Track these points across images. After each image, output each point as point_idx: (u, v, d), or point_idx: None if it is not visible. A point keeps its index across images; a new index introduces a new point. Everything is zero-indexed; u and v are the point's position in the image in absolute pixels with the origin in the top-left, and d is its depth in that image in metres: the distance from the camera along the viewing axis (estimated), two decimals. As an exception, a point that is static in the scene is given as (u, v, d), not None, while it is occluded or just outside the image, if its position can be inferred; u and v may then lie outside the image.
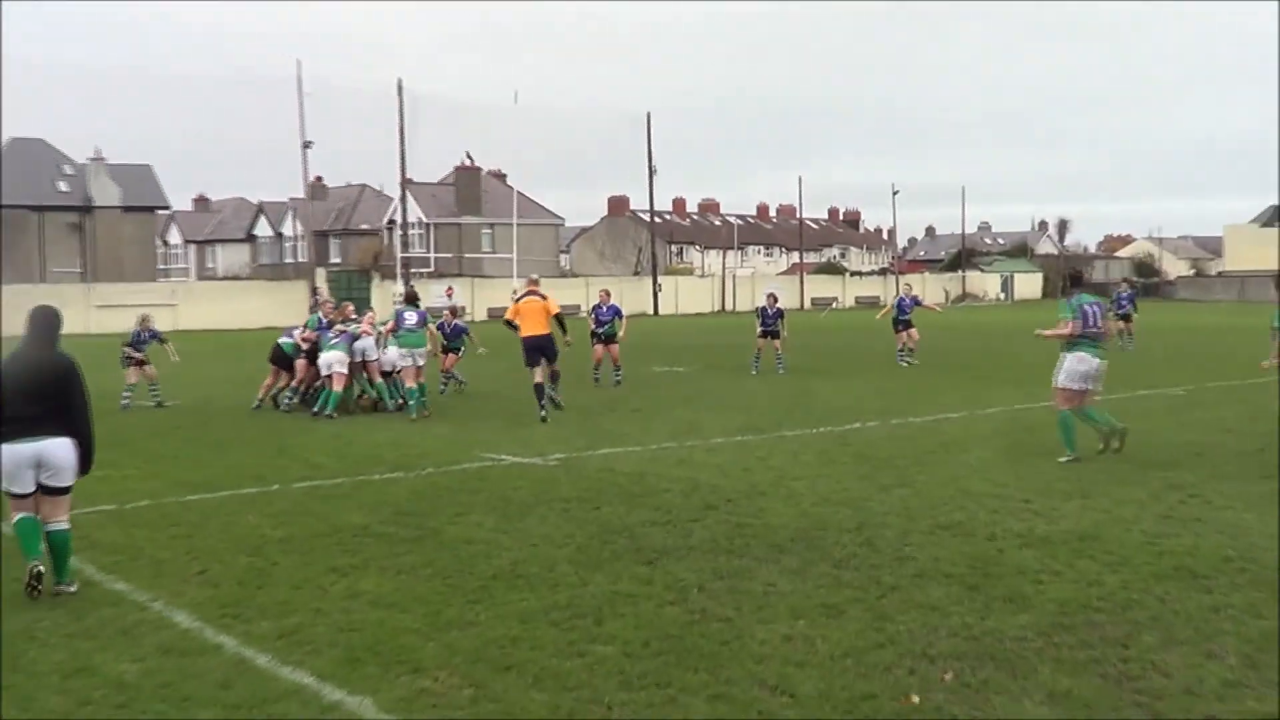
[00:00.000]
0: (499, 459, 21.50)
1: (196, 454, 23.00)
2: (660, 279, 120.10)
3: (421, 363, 29.68)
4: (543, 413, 27.52)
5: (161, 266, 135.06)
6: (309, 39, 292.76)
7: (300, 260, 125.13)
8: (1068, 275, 24.66)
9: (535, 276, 31.32)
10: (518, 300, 29.55)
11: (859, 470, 19.55)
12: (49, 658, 10.63)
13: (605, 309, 40.42)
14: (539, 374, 28.28)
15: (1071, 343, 20.71)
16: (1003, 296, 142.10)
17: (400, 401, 30.28)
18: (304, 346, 31.00)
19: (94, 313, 77.64)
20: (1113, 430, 20.50)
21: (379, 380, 30.63)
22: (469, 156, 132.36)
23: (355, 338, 30.19)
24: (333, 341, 29.86)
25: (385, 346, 30.70)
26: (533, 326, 28.50)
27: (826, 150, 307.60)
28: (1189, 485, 17.84)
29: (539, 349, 28.45)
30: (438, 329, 34.18)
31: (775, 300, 43.34)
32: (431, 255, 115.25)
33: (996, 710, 8.94)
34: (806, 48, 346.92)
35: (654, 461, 20.88)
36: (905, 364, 42.95)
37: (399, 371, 30.31)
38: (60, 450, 12.82)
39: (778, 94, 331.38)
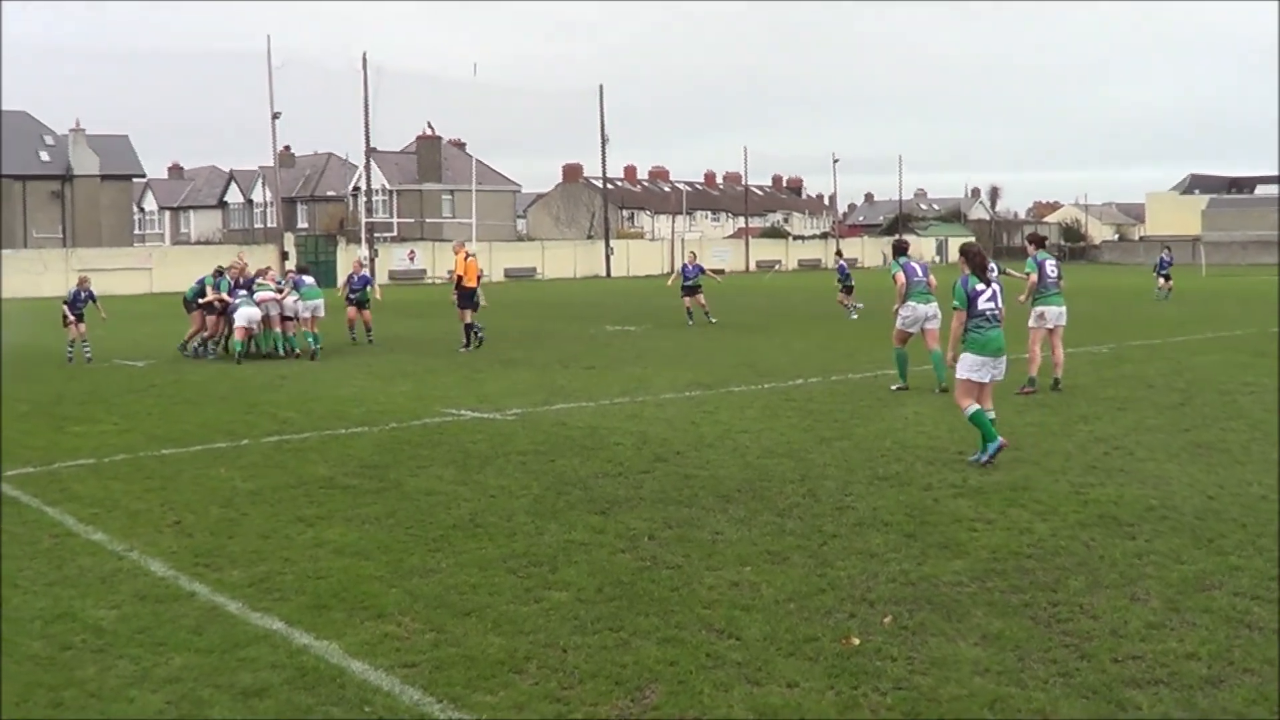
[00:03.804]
0: (459, 414, 21.42)
1: (170, 410, 22.86)
2: (612, 243, 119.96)
3: (321, 314, 34.39)
4: (468, 347, 34.21)
5: (138, 232, 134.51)
6: (278, 14, 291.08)
7: (270, 225, 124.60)
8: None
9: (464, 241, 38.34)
10: (467, 260, 35.85)
11: (802, 424, 19.54)
12: (31, 604, 10.54)
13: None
14: (469, 315, 34.77)
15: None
16: (938, 259, 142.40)
17: (295, 350, 34.01)
18: (216, 305, 34.28)
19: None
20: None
21: (276, 330, 34.21)
22: (430, 126, 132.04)
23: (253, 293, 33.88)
24: (241, 297, 33.47)
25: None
26: (472, 280, 35.33)
27: (770, 121, 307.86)
28: (1113, 438, 17.89)
29: (473, 296, 35.15)
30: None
31: (695, 258, 46.29)
32: (394, 220, 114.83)
33: (933, 651, 8.92)
34: (750, 23, 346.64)
35: (606, 416, 20.83)
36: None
37: (301, 319, 34.30)
38: None
39: (724, 67, 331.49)
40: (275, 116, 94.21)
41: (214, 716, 8.08)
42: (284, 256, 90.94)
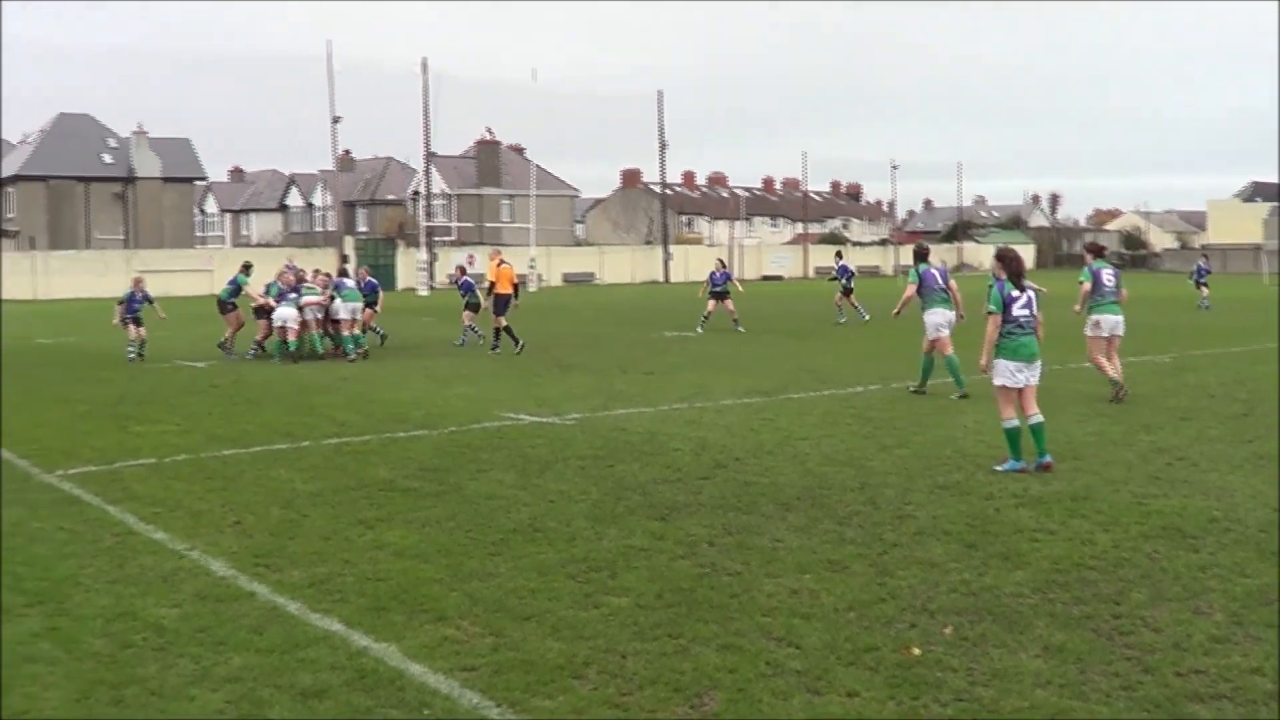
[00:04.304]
0: (517, 418, 21.44)
1: (230, 411, 22.98)
2: (671, 248, 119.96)
3: (359, 317, 35.36)
4: (498, 349, 35.21)
5: (199, 234, 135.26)
6: (339, 19, 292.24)
7: (329, 229, 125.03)
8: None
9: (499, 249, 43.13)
10: (500, 266, 36.55)
11: (861, 431, 19.47)
12: (93, 603, 10.60)
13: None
14: (502, 320, 35.51)
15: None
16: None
17: (336, 349, 35.13)
18: (260, 302, 35.41)
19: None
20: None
21: (315, 332, 34.86)
22: (489, 131, 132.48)
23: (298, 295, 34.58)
24: (290, 299, 34.23)
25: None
26: (506, 286, 36.05)
27: (829, 126, 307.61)
28: (1176, 449, 17.73)
29: (508, 302, 35.94)
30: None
31: (723, 265, 47.71)
32: (453, 225, 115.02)
33: (994, 663, 8.85)
34: (809, 29, 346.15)
35: (665, 422, 20.80)
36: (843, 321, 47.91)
37: (342, 321, 35.14)
38: None
39: (783, 73, 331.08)
40: (336, 121, 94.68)
41: (274, 716, 8.10)
42: (344, 260, 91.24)
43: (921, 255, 25.37)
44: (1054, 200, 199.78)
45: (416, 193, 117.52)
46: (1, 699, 8.43)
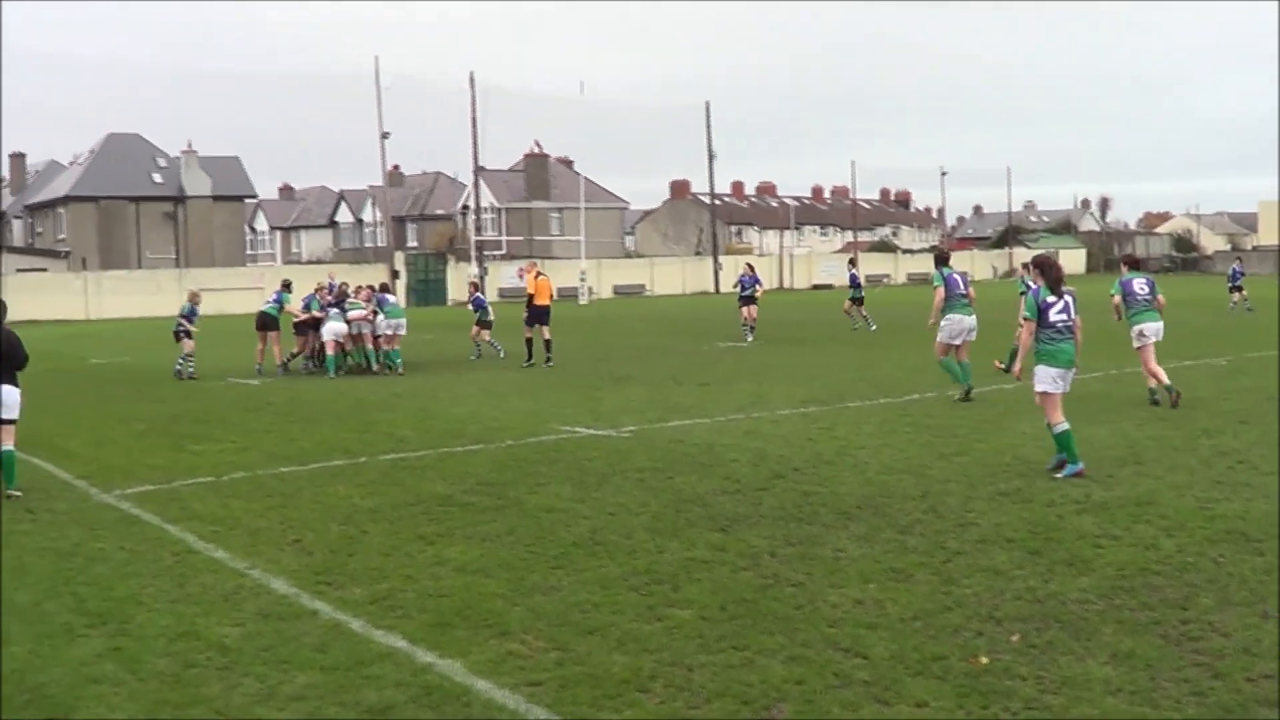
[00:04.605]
0: (574, 431, 21.43)
1: (286, 428, 23.05)
2: (721, 258, 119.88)
3: (403, 333, 35.99)
4: (532, 362, 35.42)
5: (250, 252, 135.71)
6: (386, 36, 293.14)
7: (380, 244, 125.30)
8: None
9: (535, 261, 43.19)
10: (537, 279, 36.49)
11: (919, 439, 19.38)
12: (155, 622, 10.62)
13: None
14: (546, 331, 35.84)
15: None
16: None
17: (387, 365, 35.36)
18: (302, 317, 36.41)
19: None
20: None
21: (368, 346, 35.59)
22: (538, 144, 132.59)
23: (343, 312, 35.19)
24: (334, 314, 34.94)
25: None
26: (545, 298, 36.03)
27: (878, 134, 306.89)
28: (1237, 452, 17.61)
29: (545, 314, 35.92)
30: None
31: (751, 270, 47.75)
32: (503, 239, 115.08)
33: (1063, 670, 8.79)
34: (855, 37, 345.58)
35: (722, 433, 20.75)
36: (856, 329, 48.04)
37: (383, 337, 35.56)
38: (12, 394, 16.78)
39: (831, 81, 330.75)
40: (384, 136, 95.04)
41: (341, 734, 8.11)
42: (394, 275, 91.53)
43: (943, 259, 25.97)
44: (1104, 204, 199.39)
45: (466, 207, 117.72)
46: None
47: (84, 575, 12.34)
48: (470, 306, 40.55)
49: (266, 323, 36.56)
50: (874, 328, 47.45)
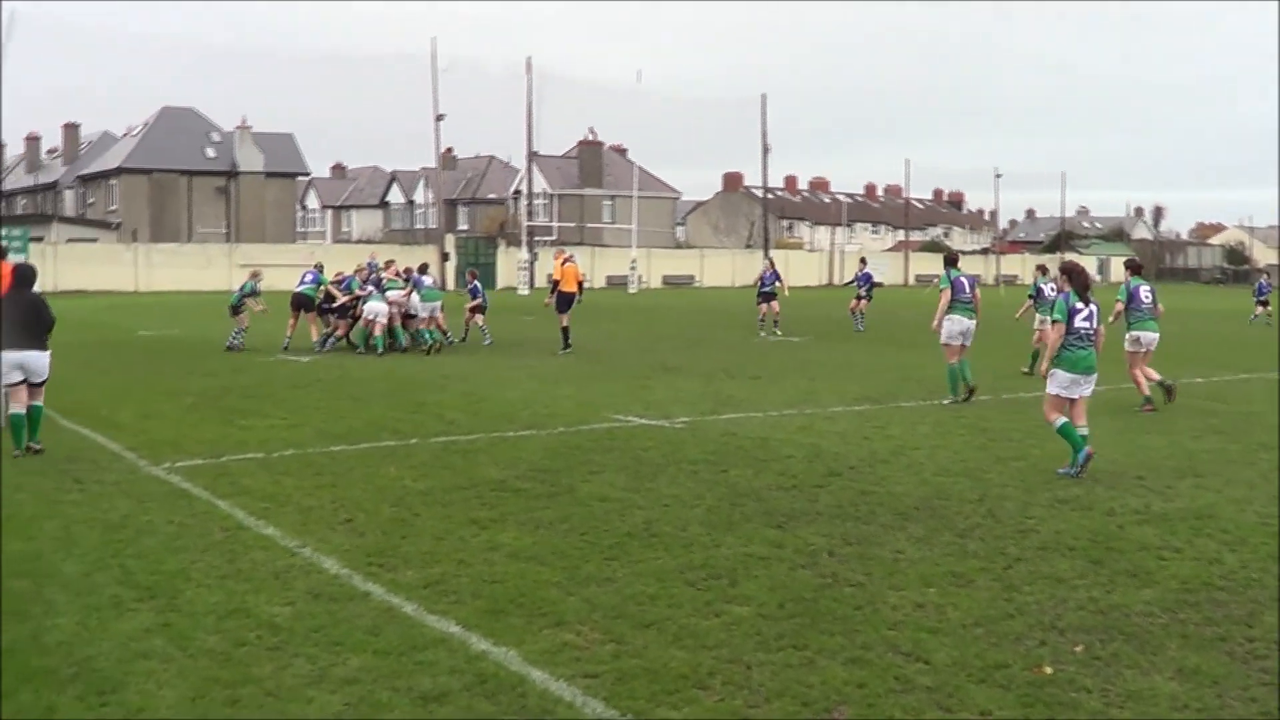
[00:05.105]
0: (626, 420, 21.35)
1: (336, 406, 23.02)
2: (771, 253, 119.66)
3: (439, 315, 36.81)
4: (566, 349, 35.46)
5: (300, 229, 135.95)
6: (443, 18, 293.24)
7: (430, 226, 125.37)
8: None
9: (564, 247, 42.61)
10: (564, 265, 37.32)
11: (975, 442, 19.21)
12: (205, 598, 10.55)
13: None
14: (565, 319, 36.34)
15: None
16: (1099, 278, 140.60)
17: (422, 344, 36.04)
18: (342, 299, 36.52)
19: (236, 271, 77.65)
20: None
21: (397, 325, 35.92)
22: (592, 131, 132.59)
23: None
24: (375, 295, 35.28)
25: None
26: (571, 284, 36.66)
27: (933, 133, 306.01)
28: (1298, 467, 17.39)
29: (572, 301, 36.56)
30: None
31: (772, 266, 48.70)
32: (555, 224, 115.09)
33: (1128, 684, 8.65)
34: (913, 34, 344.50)
35: (775, 428, 20.62)
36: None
37: (420, 319, 36.63)
38: (41, 359, 17.54)
39: (888, 79, 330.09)
40: (439, 119, 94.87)
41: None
42: (445, 257, 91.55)
43: (951, 261, 26.35)
44: (1158, 213, 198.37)
45: (518, 192, 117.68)
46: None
47: (133, 548, 12.29)
48: (469, 294, 40.46)
49: (303, 303, 36.58)
50: (860, 329, 47.06)
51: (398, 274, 37.07)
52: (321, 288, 36.63)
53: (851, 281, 51.40)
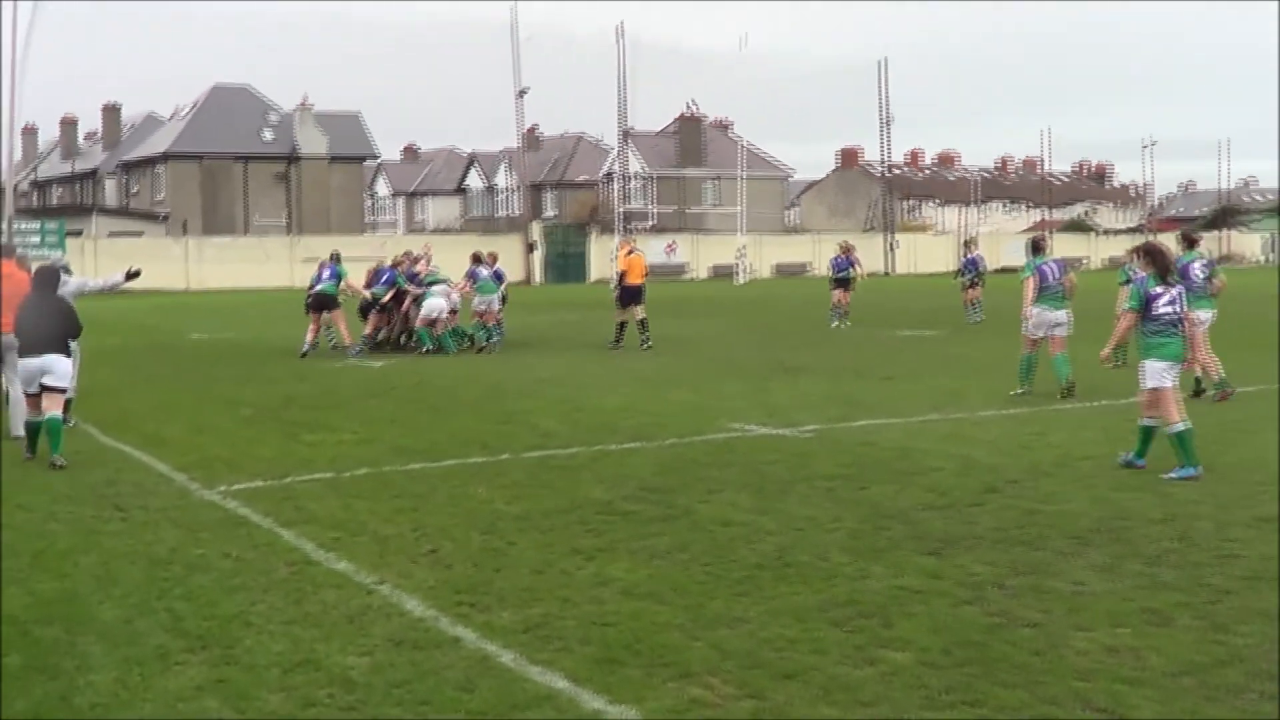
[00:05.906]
0: (746, 429, 20.90)
1: (414, 417, 22.76)
2: (895, 236, 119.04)
3: (495, 309, 37.61)
4: (619, 345, 36.49)
5: (369, 219, 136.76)
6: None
7: (513, 213, 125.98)
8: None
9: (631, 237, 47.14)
10: (629, 255, 38.10)
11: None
12: (267, 647, 10.08)
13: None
14: (639, 312, 36.69)
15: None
16: (1267, 259, 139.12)
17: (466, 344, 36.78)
18: (388, 294, 36.63)
19: (298, 266, 77.76)
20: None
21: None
22: (692, 104, 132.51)
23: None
24: (434, 291, 35.85)
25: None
26: (637, 276, 37.03)
27: (1073, 100, 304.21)
28: None
29: (638, 293, 36.88)
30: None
31: (846, 248, 50.03)
32: (652, 209, 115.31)
33: (1383, 751, 7.99)
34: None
35: (917, 435, 20.08)
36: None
37: (474, 313, 37.48)
38: (63, 363, 18.19)
39: (1021, 39, 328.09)
40: (521, 94, 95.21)
41: (496, 800, 7.49)
42: (530, 248, 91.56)
43: (1037, 248, 26.23)
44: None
45: (610, 174, 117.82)
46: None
47: (182, 588, 11.88)
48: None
49: (325, 302, 35.97)
50: (980, 318, 46.39)
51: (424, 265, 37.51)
52: (342, 283, 36.40)
53: (960, 271, 51.32)
